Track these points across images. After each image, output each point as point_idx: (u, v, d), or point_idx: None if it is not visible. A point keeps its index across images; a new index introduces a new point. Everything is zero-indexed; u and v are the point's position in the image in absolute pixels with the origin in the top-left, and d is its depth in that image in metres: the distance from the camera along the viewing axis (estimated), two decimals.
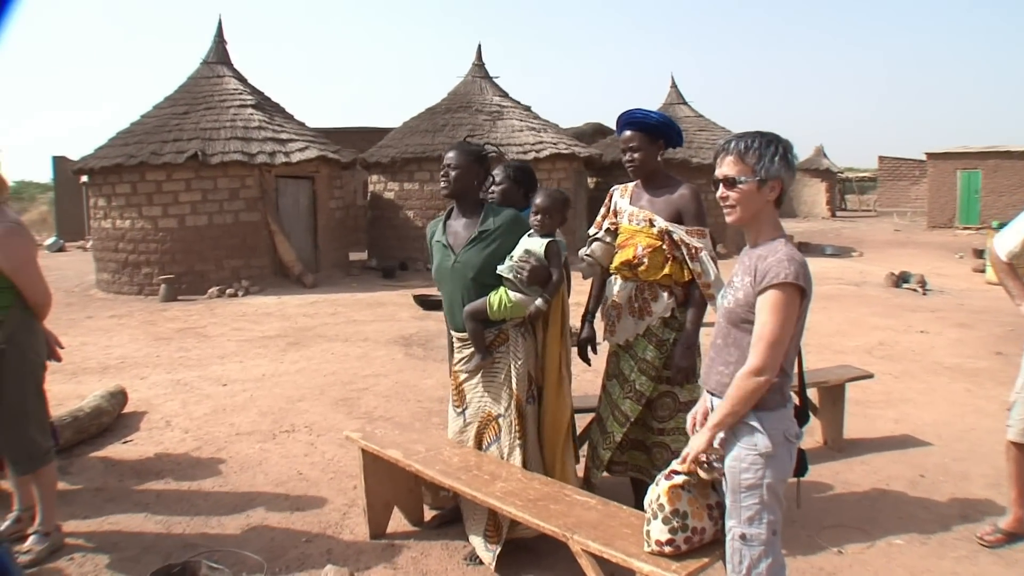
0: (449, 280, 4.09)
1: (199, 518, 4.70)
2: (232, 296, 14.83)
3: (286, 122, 17.39)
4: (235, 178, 15.75)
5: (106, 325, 12.05)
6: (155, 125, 16.58)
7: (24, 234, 4.13)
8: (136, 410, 6.91)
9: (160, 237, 15.65)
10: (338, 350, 9.52)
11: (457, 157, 4.05)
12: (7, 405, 4.02)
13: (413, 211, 18.84)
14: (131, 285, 15.85)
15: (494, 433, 4.09)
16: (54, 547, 4.27)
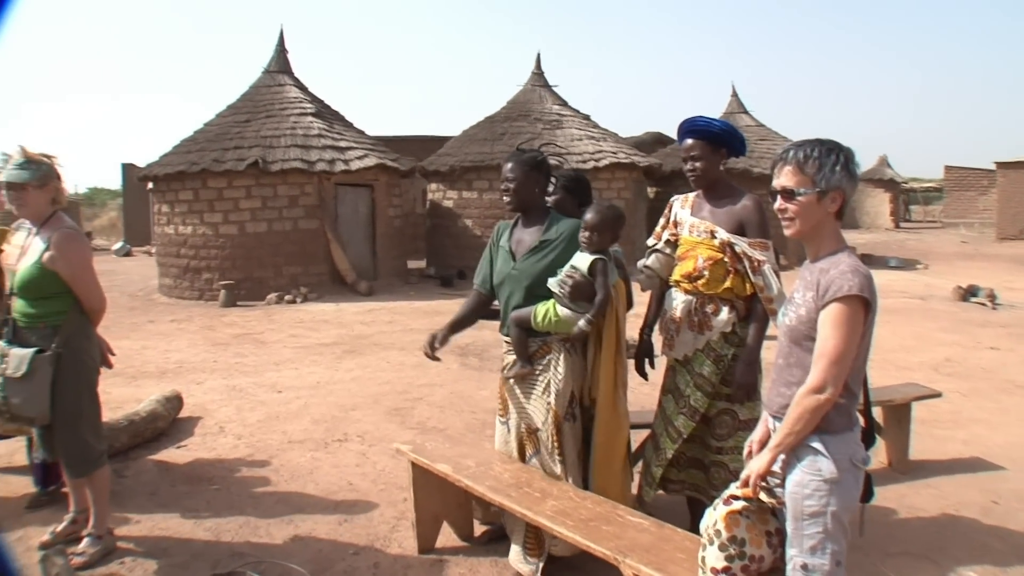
0: (507, 286, 4.02)
1: (248, 526, 4.68)
2: (290, 303, 14.94)
3: (345, 130, 17.52)
4: (294, 185, 15.89)
5: (166, 329, 12.21)
6: (217, 133, 16.85)
7: (81, 240, 4.20)
8: (191, 415, 6.94)
9: (220, 243, 15.87)
10: (394, 359, 9.49)
11: (515, 169, 3.98)
12: (62, 409, 4.07)
13: (472, 220, 18.84)
14: (192, 290, 16.09)
15: (534, 446, 4.01)
16: (106, 550, 4.30)
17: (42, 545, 4.37)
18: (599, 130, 19.98)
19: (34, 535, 4.55)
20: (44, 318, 4.08)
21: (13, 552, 3.07)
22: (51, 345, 4.03)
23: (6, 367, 4.03)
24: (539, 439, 3.97)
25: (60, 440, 4.19)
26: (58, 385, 4.03)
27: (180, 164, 16.21)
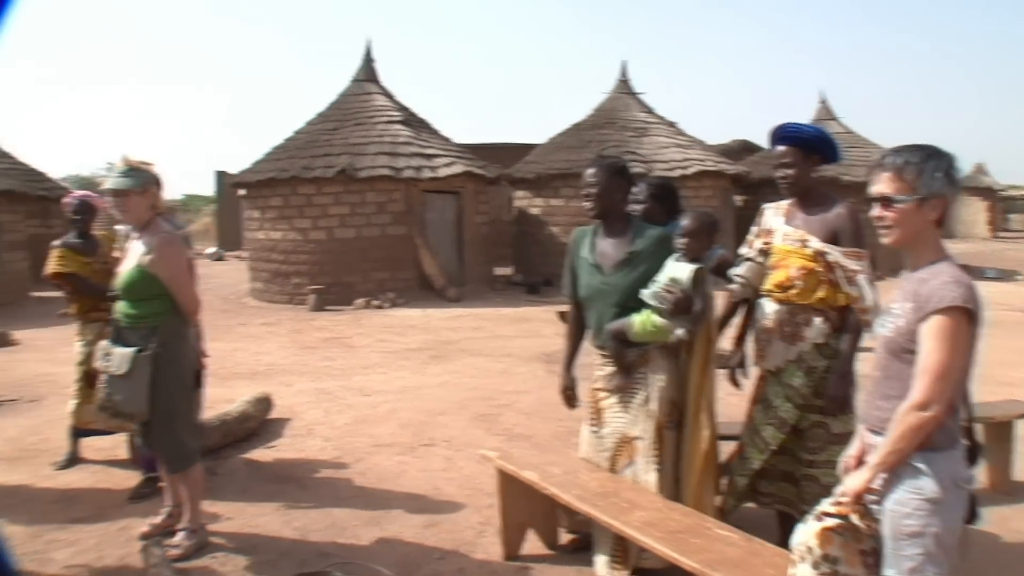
0: (597, 300, 3.98)
1: (335, 527, 4.73)
2: (378, 308, 15.12)
3: (432, 137, 17.68)
4: (382, 192, 16.10)
5: (257, 332, 12.49)
6: (307, 141, 17.19)
7: (179, 244, 4.32)
8: (281, 416, 7.06)
9: (310, 248, 16.16)
10: (480, 365, 9.53)
11: (597, 174, 3.93)
12: (159, 406, 4.20)
13: (558, 227, 18.80)
14: (282, 294, 16.43)
15: (629, 456, 3.95)
16: (200, 544, 4.42)
17: (142, 536, 4.53)
18: (686, 137, 19.78)
19: (135, 525, 4.71)
20: (144, 319, 4.22)
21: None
22: (150, 345, 4.16)
23: (110, 365, 4.17)
24: (636, 449, 3.91)
25: (157, 437, 4.34)
26: (155, 384, 4.16)
27: (271, 171, 16.60)
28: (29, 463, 6.05)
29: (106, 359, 4.22)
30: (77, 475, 5.76)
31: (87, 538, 4.67)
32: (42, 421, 7.23)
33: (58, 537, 4.69)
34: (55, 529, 4.80)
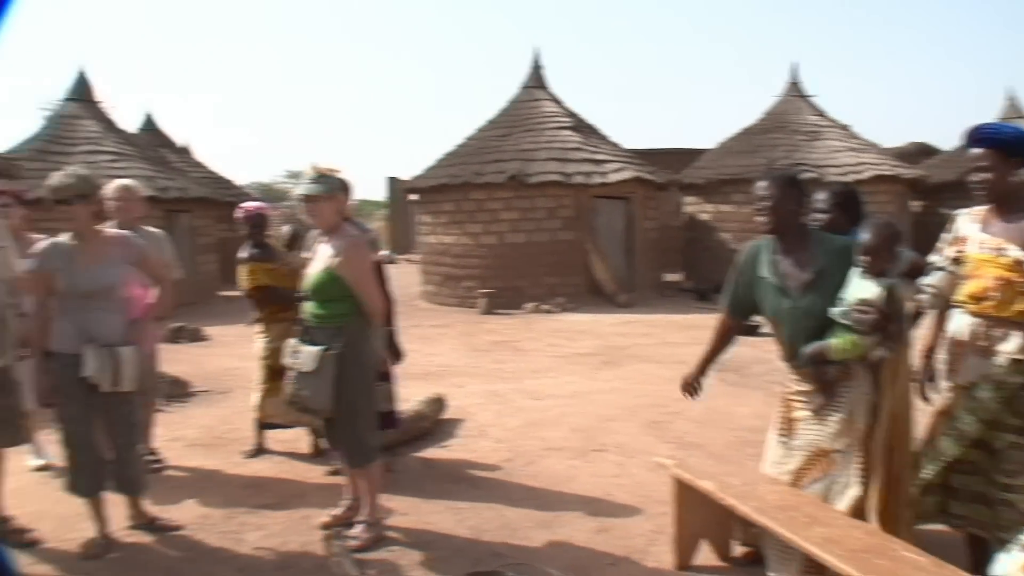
0: (786, 323, 3.81)
1: (507, 528, 4.76)
2: (547, 312, 15.21)
3: (602, 143, 17.66)
4: (552, 198, 16.20)
5: (429, 334, 12.78)
6: (477, 147, 17.51)
7: (365, 248, 4.50)
8: (454, 417, 7.19)
9: (481, 253, 16.45)
10: (651, 371, 9.42)
11: (770, 187, 3.74)
12: (343, 404, 4.35)
13: (729, 233, 18.42)
14: (453, 297, 16.79)
15: (822, 471, 3.77)
16: (377, 537, 4.54)
17: (323, 525, 4.74)
18: (860, 141, 18.98)
19: (316, 515, 4.92)
20: (331, 319, 4.39)
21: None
22: (336, 344, 4.31)
23: (298, 362, 4.37)
24: (833, 463, 3.74)
25: (340, 433, 4.51)
26: (340, 381, 4.30)
27: (443, 177, 17.02)
28: (221, 450, 6.45)
29: (295, 356, 4.43)
30: (263, 464, 6.07)
31: (273, 523, 4.91)
32: (231, 412, 7.66)
33: (248, 520, 4.97)
34: (245, 513, 5.08)
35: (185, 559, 4.50)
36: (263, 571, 4.32)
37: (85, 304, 4.36)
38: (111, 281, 4.42)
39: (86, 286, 4.35)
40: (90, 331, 4.34)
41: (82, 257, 4.39)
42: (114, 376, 4.30)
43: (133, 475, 4.64)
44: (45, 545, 4.68)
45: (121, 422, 4.53)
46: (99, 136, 18.56)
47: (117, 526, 4.74)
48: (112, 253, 4.48)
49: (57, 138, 18.43)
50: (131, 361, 4.36)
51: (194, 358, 10.75)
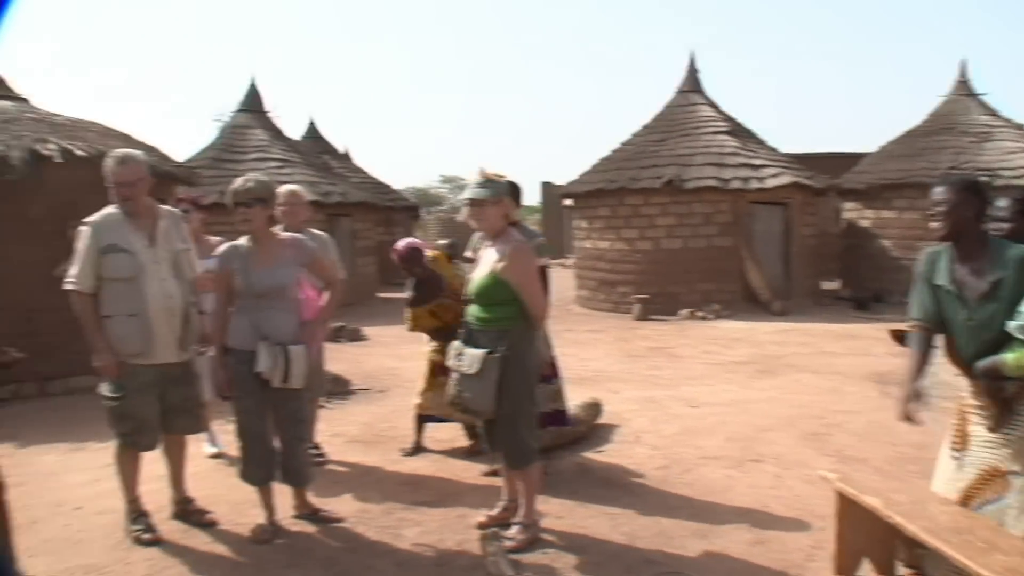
0: (962, 334, 3.64)
1: (662, 536, 4.75)
2: (702, 319, 15.05)
3: (759, 148, 17.31)
4: (709, 203, 16.00)
5: (583, 339, 12.85)
6: (633, 152, 17.47)
7: (530, 253, 4.55)
8: (609, 422, 7.21)
9: (636, 258, 16.40)
10: (808, 381, 9.20)
11: (947, 192, 3.55)
12: (504, 407, 4.44)
13: (890, 240, 17.70)
14: (607, 302, 16.81)
15: (996, 492, 3.59)
16: (533, 539, 4.62)
17: (479, 525, 4.84)
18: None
19: (472, 514, 5.05)
20: (494, 323, 4.48)
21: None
22: (499, 348, 4.40)
23: (462, 364, 4.50)
24: (1009, 485, 3.55)
25: (500, 435, 4.60)
26: (502, 384, 4.40)
27: (599, 182, 17.07)
28: (380, 447, 6.69)
29: (458, 359, 4.55)
30: (421, 462, 6.27)
31: (430, 520, 5.06)
32: (389, 410, 7.95)
33: (406, 516, 5.14)
34: (403, 509, 5.26)
35: (345, 550, 4.70)
36: (420, 567, 4.45)
37: (259, 303, 4.61)
38: (284, 282, 4.66)
39: (261, 286, 4.60)
40: (263, 329, 4.58)
41: (257, 259, 4.64)
42: (285, 373, 4.53)
43: (299, 467, 4.89)
44: (219, 527, 5.01)
45: (290, 417, 4.78)
46: (267, 144, 19.59)
47: (284, 515, 5.00)
48: (285, 255, 4.71)
49: (229, 147, 19.58)
50: (301, 359, 4.58)
51: (353, 357, 11.18)
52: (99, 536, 4.95)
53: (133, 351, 4.64)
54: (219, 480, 5.87)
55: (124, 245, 4.63)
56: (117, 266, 4.59)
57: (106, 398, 4.71)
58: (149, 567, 4.49)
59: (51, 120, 10.32)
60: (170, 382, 4.80)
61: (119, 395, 4.66)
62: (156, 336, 4.67)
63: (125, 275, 4.60)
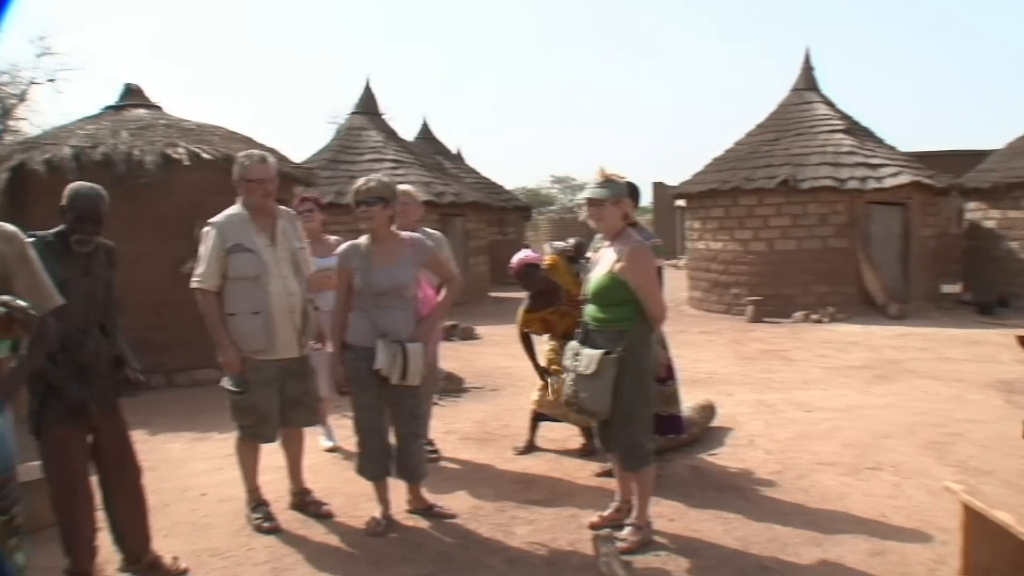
0: None
1: (776, 542, 4.70)
2: (816, 322, 14.75)
3: (877, 146, 16.82)
4: (824, 204, 15.64)
5: (696, 340, 12.76)
6: (747, 152, 17.23)
7: (649, 253, 4.54)
8: (722, 425, 7.17)
9: (749, 260, 16.17)
10: (928, 388, 8.93)
11: None
12: (620, 407, 4.47)
13: (1018, 242, 16.95)
14: (719, 304, 16.64)
15: None
16: (645, 541, 4.63)
17: (591, 525, 4.89)
18: None
19: (584, 514, 5.10)
20: (612, 323, 4.51)
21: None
22: (616, 348, 4.43)
23: (578, 364, 4.54)
24: None
25: (616, 436, 4.62)
26: (619, 385, 4.42)
27: (712, 182, 16.89)
28: (493, 445, 6.81)
29: (575, 359, 4.58)
30: (533, 461, 6.34)
31: (542, 519, 5.12)
32: (502, 409, 8.07)
33: (518, 514, 5.21)
34: (515, 507, 5.34)
35: (458, 546, 4.79)
36: (532, 565, 4.50)
37: (378, 301, 4.72)
38: (403, 281, 4.76)
39: (380, 285, 4.71)
40: (382, 327, 4.69)
41: (377, 258, 4.76)
42: (402, 370, 4.63)
43: (415, 464, 5.00)
44: (335, 519, 5.19)
45: (406, 413, 4.89)
46: (382, 145, 20.05)
47: (397, 509, 5.15)
48: (405, 254, 4.81)
49: (345, 148, 20.11)
50: (418, 357, 4.67)
51: (466, 355, 11.36)
52: (223, 522, 5.21)
53: (256, 347, 4.82)
54: (335, 473, 6.08)
55: (248, 245, 4.81)
56: (242, 265, 4.78)
57: (230, 392, 4.91)
58: (268, 554, 4.70)
59: (180, 125, 10.88)
60: (289, 376, 4.98)
61: (242, 390, 4.86)
62: (278, 332, 4.85)
63: (250, 274, 4.79)
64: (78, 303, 3.90)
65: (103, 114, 11.28)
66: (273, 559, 4.64)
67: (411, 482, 5.15)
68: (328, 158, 19.54)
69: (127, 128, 10.36)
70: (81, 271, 3.99)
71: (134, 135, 10.14)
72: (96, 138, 10.01)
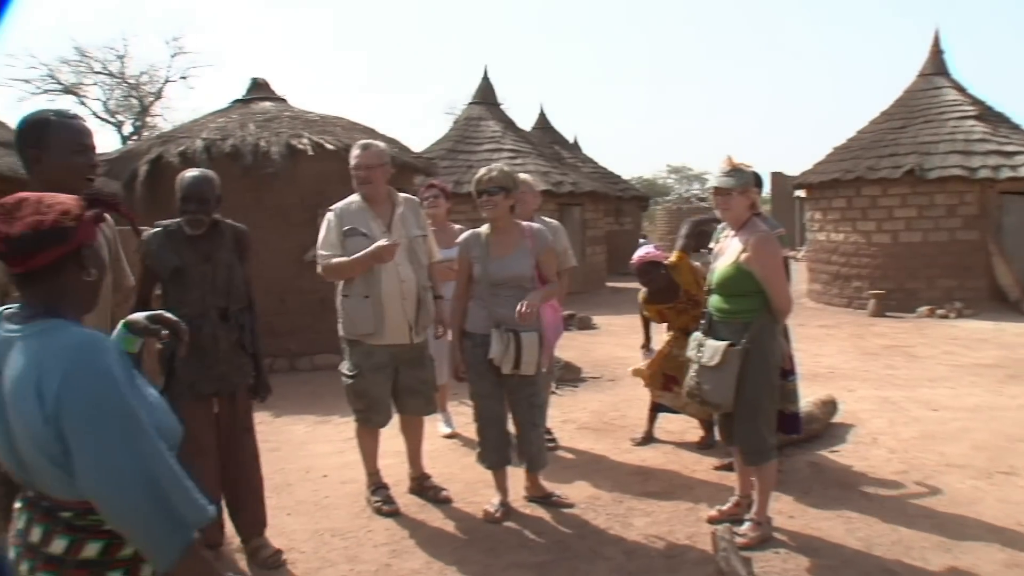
0: None
1: (900, 544, 4.55)
2: (943, 317, 14.18)
3: (1012, 133, 15.94)
4: (953, 194, 14.99)
5: (815, 334, 12.44)
6: (871, 140, 16.63)
7: (775, 243, 4.48)
8: (843, 422, 6.98)
9: (872, 252, 15.65)
10: None
11: None
12: (744, 400, 4.41)
13: None
14: (840, 297, 16.17)
15: None
16: (763, 537, 4.57)
17: (710, 519, 4.85)
18: None
19: (702, 508, 5.08)
20: (737, 314, 4.44)
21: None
22: (740, 340, 4.37)
23: (702, 356, 4.50)
24: None
25: (738, 429, 4.56)
26: (742, 378, 4.36)
27: (834, 172, 16.37)
28: (610, 436, 6.80)
29: (698, 350, 4.55)
30: (651, 452, 6.32)
31: (660, 511, 5.10)
32: (619, 399, 8.05)
33: (635, 506, 5.21)
34: (632, 498, 5.34)
35: (575, 535, 4.81)
36: (649, 557, 4.48)
37: (495, 290, 4.78)
38: (520, 271, 4.80)
39: (497, 274, 4.77)
40: (497, 315, 4.74)
41: (496, 247, 4.83)
42: (515, 359, 4.67)
43: (534, 452, 5.04)
44: (453, 505, 5.28)
45: (523, 402, 4.92)
46: (499, 135, 20.19)
47: (515, 496, 5.20)
48: (523, 244, 4.85)
49: (463, 138, 20.34)
50: (532, 346, 4.69)
51: (583, 345, 11.36)
52: (344, 503, 5.37)
53: (365, 331, 4.94)
54: (454, 459, 6.19)
55: (363, 229, 4.93)
56: (356, 248, 4.87)
57: (344, 376, 5.08)
58: (388, 536, 4.82)
59: (304, 117, 11.25)
60: (403, 364, 5.07)
61: (355, 373, 5.00)
62: (387, 317, 4.93)
63: None
64: (195, 288, 4.09)
65: (232, 107, 11.81)
66: (392, 541, 4.75)
67: (530, 470, 5.19)
68: (447, 148, 19.81)
69: (254, 120, 10.79)
70: (200, 257, 4.15)
71: (260, 127, 10.54)
72: (225, 131, 10.47)
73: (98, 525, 1.88)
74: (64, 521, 1.88)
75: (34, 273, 1.87)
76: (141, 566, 1.93)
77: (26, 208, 1.84)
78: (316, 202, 9.59)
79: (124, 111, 36.56)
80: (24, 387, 1.79)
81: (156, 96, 36.78)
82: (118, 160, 10.31)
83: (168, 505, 1.80)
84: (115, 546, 1.90)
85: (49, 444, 1.77)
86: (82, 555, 1.88)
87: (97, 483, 1.77)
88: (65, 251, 1.88)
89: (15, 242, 1.82)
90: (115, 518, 1.80)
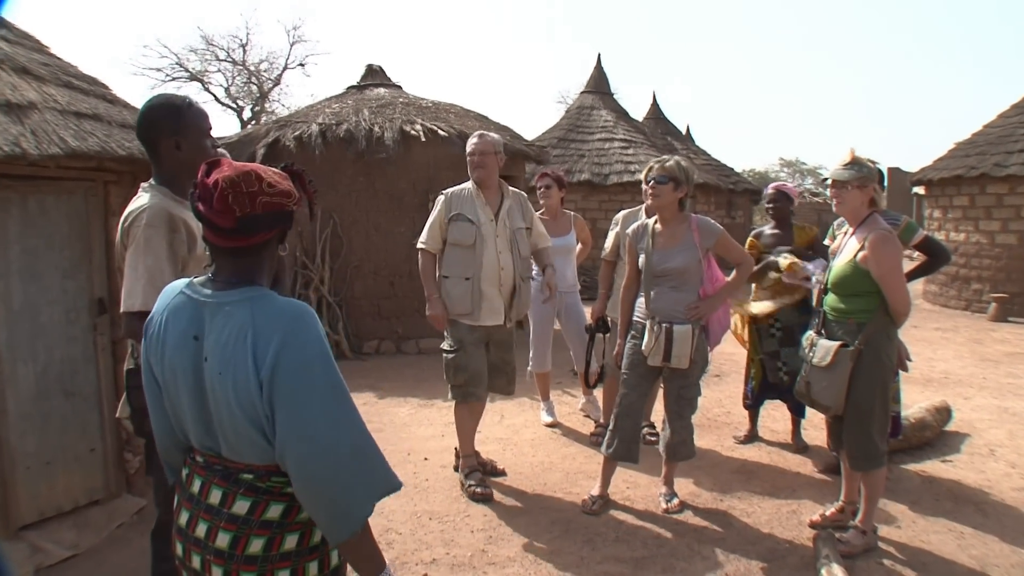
0: None
1: (1020, 569, 4.29)
2: None
3: None
4: None
5: (930, 337, 11.96)
6: (999, 135, 15.75)
7: (895, 242, 4.28)
8: (958, 430, 6.69)
9: (996, 253, 14.89)
10: None
11: None
12: (855, 403, 4.26)
13: None
14: (958, 299, 15.46)
15: None
16: (868, 546, 4.43)
17: (812, 524, 4.73)
18: None
19: (804, 511, 4.96)
20: (852, 314, 4.28)
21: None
22: (854, 341, 4.21)
23: (813, 355, 4.36)
24: None
25: (848, 433, 4.39)
26: (855, 380, 4.21)
27: (957, 168, 15.60)
28: (714, 432, 6.71)
29: (810, 349, 4.41)
30: (754, 451, 6.20)
31: (761, 512, 5.01)
32: (724, 395, 7.94)
33: (736, 505, 5.13)
34: (733, 497, 5.26)
35: (673, 532, 4.75)
36: (748, 559, 4.39)
37: (656, 282, 4.77)
38: (680, 264, 4.73)
39: (658, 266, 4.76)
40: (654, 307, 4.75)
41: (660, 239, 4.83)
42: (665, 351, 4.65)
43: (674, 443, 4.97)
44: (552, 495, 5.28)
45: (673, 392, 4.88)
46: (612, 125, 20.03)
47: (614, 489, 5.18)
48: (688, 238, 4.79)
49: (575, 127, 20.26)
50: (685, 340, 4.63)
51: None
52: (442, 486, 5.45)
53: (462, 311, 5.20)
54: (554, 448, 6.19)
55: (470, 215, 5.22)
56: (460, 232, 5.20)
57: (445, 351, 5.30)
58: (485, 522, 4.86)
59: (418, 103, 11.39)
60: (493, 344, 5.37)
61: (456, 348, 5.23)
62: (484, 300, 5.20)
63: (466, 242, 5.19)
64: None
65: (346, 93, 12.11)
66: (489, 527, 4.79)
67: (671, 461, 5.14)
68: (559, 136, 19.75)
69: (368, 106, 11.01)
70: None
71: (374, 113, 10.74)
72: (340, 116, 10.70)
73: (280, 487, 1.96)
74: (246, 483, 1.96)
75: (247, 248, 1.94)
76: (313, 529, 2.02)
77: (254, 187, 1.89)
78: (427, 187, 9.74)
79: (244, 97, 37.81)
80: (239, 350, 1.86)
81: (275, 82, 37.96)
82: (237, 143, 10.66)
83: (368, 473, 1.91)
84: (295, 509, 1.98)
85: (256, 406, 1.84)
86: (265, 516, 1.96)
87: (303, 447, 1.83)
88: (284, 230, 1.98)
89: (247, 221, 1.88)
90: (312, 482, 1.86)
